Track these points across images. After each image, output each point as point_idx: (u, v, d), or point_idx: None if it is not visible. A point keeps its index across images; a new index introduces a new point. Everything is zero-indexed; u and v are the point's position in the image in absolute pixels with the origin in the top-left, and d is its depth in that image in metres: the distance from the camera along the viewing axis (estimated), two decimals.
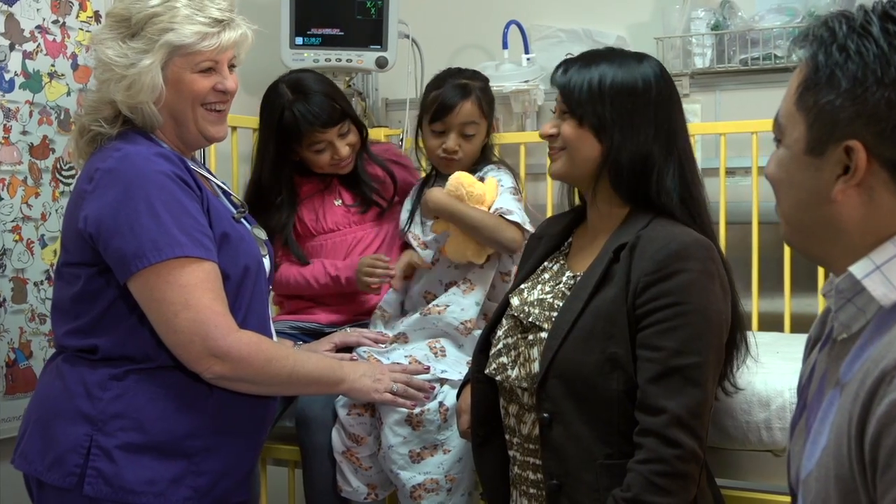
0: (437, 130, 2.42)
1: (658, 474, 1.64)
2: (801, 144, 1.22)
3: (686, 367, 1.67)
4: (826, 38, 1.19)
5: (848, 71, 1.16)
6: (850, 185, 1.18)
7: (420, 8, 3.31)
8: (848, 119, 1.17)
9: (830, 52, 1.18)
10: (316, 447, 2.37)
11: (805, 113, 1.21)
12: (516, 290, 1.97)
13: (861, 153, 1.16)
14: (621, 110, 1.80)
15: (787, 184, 1.26)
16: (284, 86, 2.54)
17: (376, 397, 2.16)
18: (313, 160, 2.55)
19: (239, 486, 2.01)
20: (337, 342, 2.41)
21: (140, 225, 1.84)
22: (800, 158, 1.23)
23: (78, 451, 1.87)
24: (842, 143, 1.17)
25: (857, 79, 1.16)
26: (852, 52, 1.16)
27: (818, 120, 1.19)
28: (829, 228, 1.22)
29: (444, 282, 2.43)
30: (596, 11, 3.21)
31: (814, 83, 1.20)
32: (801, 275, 2.73)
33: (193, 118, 1.98)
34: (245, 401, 1.97)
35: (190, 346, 1.87)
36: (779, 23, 2.86)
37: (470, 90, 2.40)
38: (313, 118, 2.48)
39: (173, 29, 1.91)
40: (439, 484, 2.24)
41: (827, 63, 1.18)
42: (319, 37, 3.05)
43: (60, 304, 1.98)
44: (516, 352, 1.87)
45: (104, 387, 1.89)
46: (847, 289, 1.22)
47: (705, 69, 2.97)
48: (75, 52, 2.68)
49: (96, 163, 1.92)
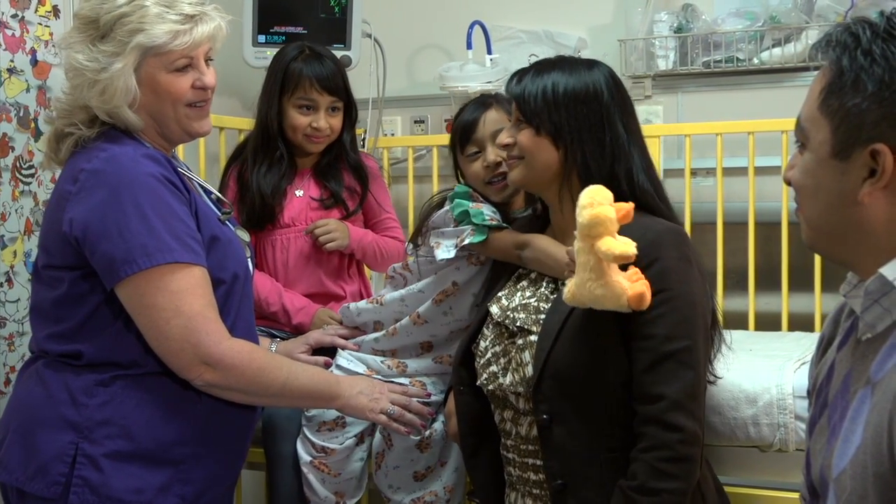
0: (471, 154, 2.15)
1: (663, 460, 1.67)
2: (826, 147, 1.24)
3: (678, 351, 1.70)
4: (850, 43, 1.22)
5: (874, 74, 1.19)
6: (878, 187, 1.21)
7: (383, 7, 3.29)
8: (874, 122, 1.19)
9: (855, 56, 1.20)
10: (281, 456, 2.35)
11: (829, 117, 1.23)
12: (494, 299, 1.97)
13: (888, 156, 1.19)
14: (576, 116, 1.83)
15: (813, 188, 1.28)
16: (303, 45, 2.59)
17: (371, 417, 2.10)
18: (293, 119, 2.54)
19: (225, 494, 1.99)
20: (312, 343, 2.37)
21: (129, 229, 1.79)
22: (825, 162, 1.25)
23: (63, 460, 1.82)
24: (868, 147, 1.20)
25: (884, 82, 1.18)
26: (877, 55, 1.19)
27: (844, 123, 1.22)
28: (856, 231, 1.25)
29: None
30: (558, 13, 3.22)
31: (838, 87, 1.22)
32: (764, 274, 2.79)
33: (175, 117, 1.94)
34: (232, 409, 1.93)
35: (181, 354, 1.82)
36: (740, 26, 2.92)
37: (488, 101, 2.18)
38: (316, 75, 2.52)
39: (143, 30, 1.85)
40: (438, 496, 2.25)
41: (852, 67, 1.21)
42: (283, 35, 3.02)
43: (40, 307, 1.93)
44: (506, 358, 1.87)
45: (90, 393, 1.84)
46: (876, 290, 1.24)
47: (668, 71, 3.01)
48: (34, 48, 2.59)
49: (81, 163, 1.86)
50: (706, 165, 2.91)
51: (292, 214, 2.58)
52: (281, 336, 2.51)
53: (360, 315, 2.32)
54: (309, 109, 2.53)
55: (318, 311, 2.50)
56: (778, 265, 2.73)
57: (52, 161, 1.97)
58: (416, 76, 3.43)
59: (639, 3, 3.05)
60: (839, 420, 1.29)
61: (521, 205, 2.18)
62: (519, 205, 2.17)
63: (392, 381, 2.22)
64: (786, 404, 1.97)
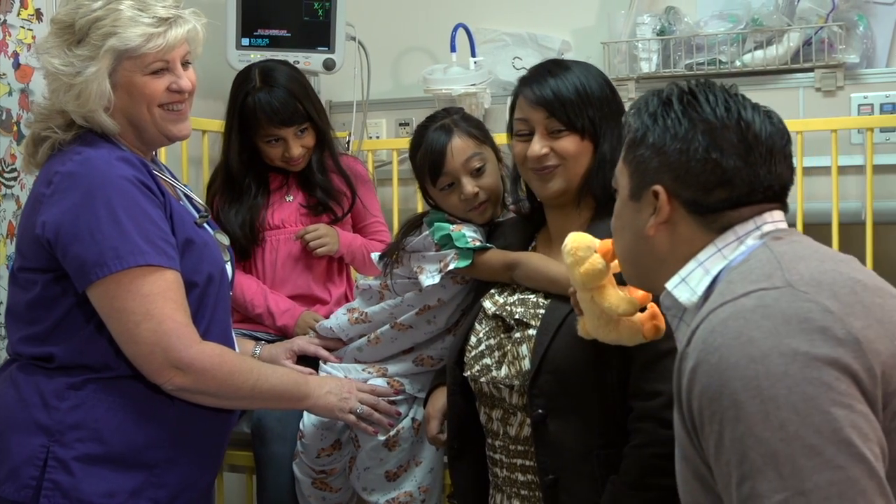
0: (444, 187, 2.09)
1: (657, 456, 1.67)
2: (625, 192, 1.49)
3: (676, 349, 1.70)
4: (643, 108, 1.46)
5: (655, 132, 1.43)
6: (659, 221, 1.43)
7: (367, 10, 3.29)
8: (655, 169, 1.42)
9: (643, 118, 1.45)
10: (271, 458, 2.35)
11: (628, 165, 1.48)
12: (487, 295, 1.97)
13: (663, 195, 1.41)
14: (605, 116, 1.86)
15: (620, 228, 1.52)
16: (256, 70, 2.57)
17: (340, 416, 2.11)
18: (265, 151, 2.56)
19: (200, 497, 1.98)
20: (296, 350, 2.37)
21: (101, 231, 1.79)
22: (626, 204, 1.49)
23: (34, 463, 1.82)
24: (650, 188, 1.42)
25: (661, 137, 1.42)
26: (658, 117, 1.43)
27: (637, 171, 1.46)
28: (652, 260, 1.47)
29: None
30: (542, 16, 3.22)
31: (633, 142, 1.46)
32: None
33: (152, 120, 1.94)
34: (207, 412, 1.93)
35: (151, 357, 1.83)
36: (723, 29, 2.92)
37: (450, 127, 2.09)
38: (271, 112, 2.50)
39: (116, 33, 1.85)
40: (413, 496, 2.24)
41: (641, 126, 1.45)
42: (266, 38, 3.02)
43: (15, 309, 1.93)
44: (501, 351, 1.87)
45: (61, 396, 1.85)
46: (670, 305, 1.46)
47: (651, 74, 3.01)
48: (17, 51, 2.60)
49: (55, 166, 1.87)
50: None
51: (282, 216, 2.60)
52: (265, 339, 2.52)
53: (348, 338, 2.30)
54: (277, 141, 2.54)
55: (302, 313, 2.51)
56: None
57: (31, 164, 1.98)
58: (401, 79, 3.43)
59: (622, 6, 3.05)
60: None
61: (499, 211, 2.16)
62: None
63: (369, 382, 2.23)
64: None
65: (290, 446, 2.33)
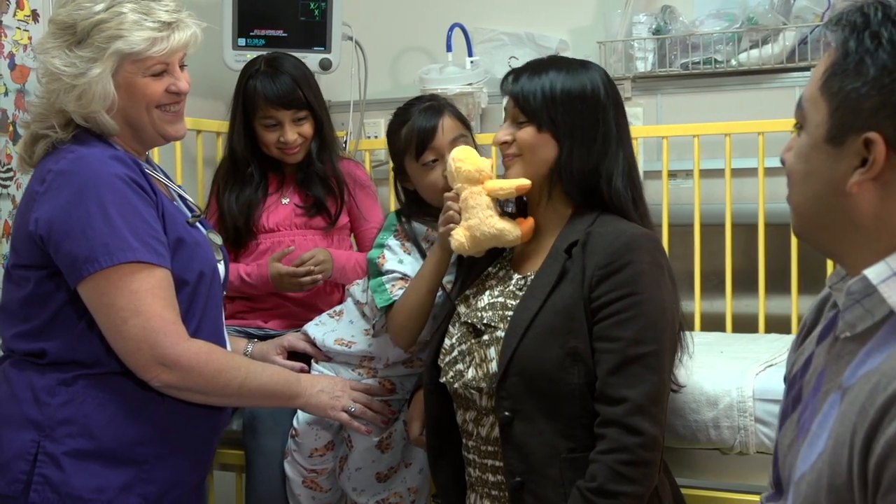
0: (428, 162, 2.12)
1: (622, 463, 1.67)
2: (821, 131, 1.19)
3: (644, 355, 1.70)
4: (859, 24, 1.16)
5: (878, 59, 1.14)
6: (867, 178, 1.15)
7: (363, 10, 3.30)
8: (871, 109, 1.14)
9: (862, 38, 1.15)
10: (261, 451, 2.35)
11: (829, 99, 1.18)
12: (461, 297, 1.98)
13: (881, 146, 1.13)
14: (573, 115, 1.84)
15: (804, 173, 1.23)
16: (262, 57, 2.61)
17: (332, 415, 2.11)
18: (262, 136, 2.58)
19: (189, 495, 1.99)
20: (286, 346, 2.38)
21: (92, 228, 1.81)
22: (819, 146, 1.20)
23: (24, 458, 1.83)
24: (862, 134, 1.14)
25: (887, 68, 1.13)
26: (884, 39, 1.14)
27: (841, 107, 1.17)
28: (843, 222, 1.19)
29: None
30: (538, 15, 3.22)
31: (841, 69, 1.17)
32: (743, 276, 2.79)
33: (150, 121, 1.96)
34: (197, 409, 1.94)
35: (138, 354, 1.84)
36: (718, 28, 2.91)
37: (441, 107, 2.16)
38: (269, 93, 2.53)
39: (122, 36, 1.87)
40: (403, 497, 2.25)
41: (857, 49, 1.15)
42: (263, 38, 3.03)
43: (9, 306, 1.95)
44: (471, 356, 1.88)
45: (52, 392, 1.86)
46: (858, 291, 1.19)
47: (647, 73, 3.01)
48: (12, 52, 2.62)
49: (49, 164, 1.89)
50: (686, 167, 2.91)
51: (277, 220, 2.60)
52: (257, 336, 2.52)
53: (336, 356, 2.31)
54: (275, 126, 2.56)
55: (269, 261, 2.50)
56: (756, 267, 2.72)
57: (26, 163, 1.99)
58: (398, 78, 3.43)
59: (618, 5, 3.05)
60: (808, 420, 1.26)
61: None
62: None
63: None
64: (745, 407, 1.96)
65: (282, 440, 2.33)
